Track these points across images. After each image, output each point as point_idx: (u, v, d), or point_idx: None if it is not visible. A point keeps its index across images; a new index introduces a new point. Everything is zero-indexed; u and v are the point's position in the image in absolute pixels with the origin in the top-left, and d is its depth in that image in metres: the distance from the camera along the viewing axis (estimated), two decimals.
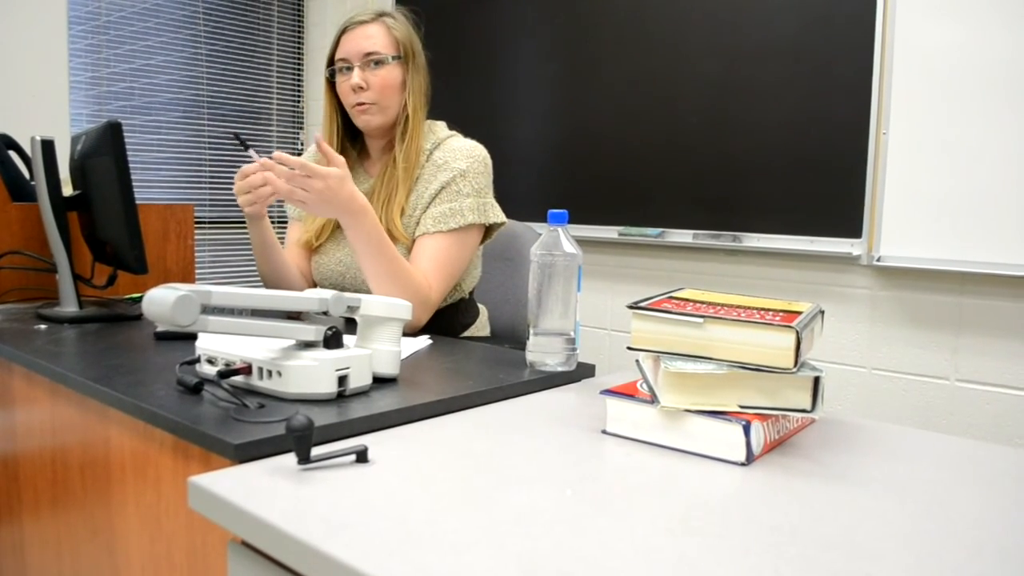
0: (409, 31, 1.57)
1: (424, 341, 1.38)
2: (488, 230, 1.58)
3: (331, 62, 1.56)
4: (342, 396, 0.98)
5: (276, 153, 1.29)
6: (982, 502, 0.73)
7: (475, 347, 1.38)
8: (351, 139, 1.63)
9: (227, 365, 0.99)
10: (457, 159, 1.52)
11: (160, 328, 1.37)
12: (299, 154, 1.75)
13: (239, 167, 1.42)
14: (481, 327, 1.74)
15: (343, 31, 1.54)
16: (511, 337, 1.84)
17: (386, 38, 1.53)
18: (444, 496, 0.71)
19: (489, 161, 1.56)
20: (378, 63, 1.51)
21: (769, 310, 0.90)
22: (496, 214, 1.55)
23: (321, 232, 1.63)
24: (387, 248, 1.37)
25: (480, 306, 1.77)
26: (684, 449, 0.85)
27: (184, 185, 3.46)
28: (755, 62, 2.41)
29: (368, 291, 1.44)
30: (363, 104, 1.51)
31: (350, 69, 1.52)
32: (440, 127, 1.61)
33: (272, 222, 1.58)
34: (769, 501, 0.72)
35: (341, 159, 1.31)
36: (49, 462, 1.24)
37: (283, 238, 1.68)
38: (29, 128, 1.77)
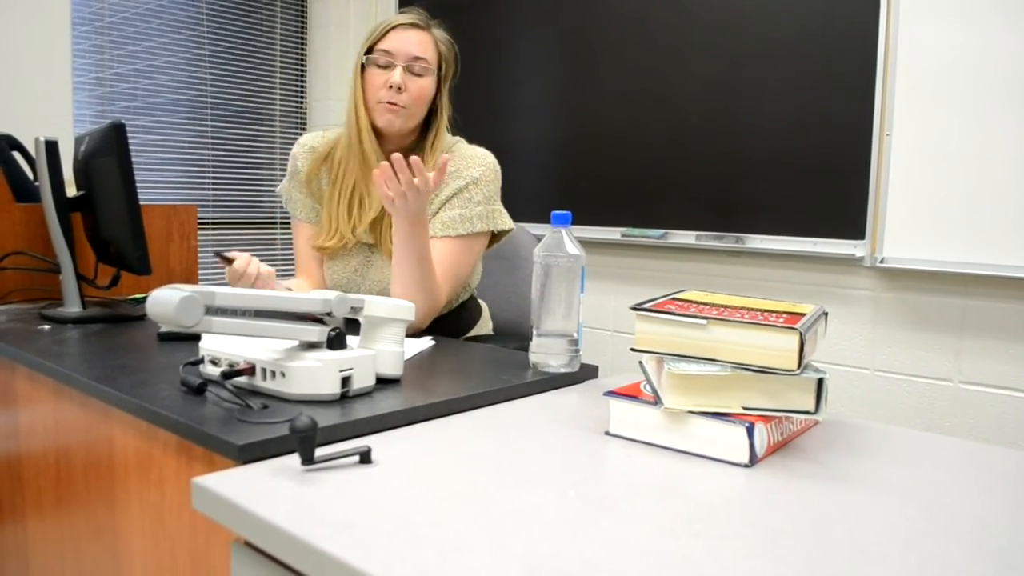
0: (451, 49, 1.56)
1: (427, 342, 1.38)
2: (495, 236, 1.58)
3: (370, 50, 1.51)
4: (345, 397, 0.98)
5: (396, 155, 1.25)
6: (985, 504, 0.73)
7: (478, 348, 1.38)
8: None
9: (231, 366, 0.99)
10: (470, 167, 1.52)
11: (164, 329, 1.37)
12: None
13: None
14: (484, 324, 1.75)
15: (393, 26, 1.51)
16: (515, 333, 1.85)
17: (433, 50, 1.52)
18: (447, 497, 0.71)
19: (499, 169, 1.57)
20: (421, 71, 1.49)
21: (772, 312, 0.90)
22: (504, 221, 1.56)
23: (344, 240, 1.57)
24: (428, 262, 1.38)
25: (480, 302, 1.78)
26: (687, 451, 0.85)
27: (187, 186, 3.46)
28: (758, 63, 2.41)
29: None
30: (394, 105, 1.48)
31: (389, 66, 1.48)
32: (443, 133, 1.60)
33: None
34: (772, 503, 0.72)
35: (434, 180, 1.28)
36: (53, 462, 1.24)
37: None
38: (33, 129, 1.77)
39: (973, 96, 2.03)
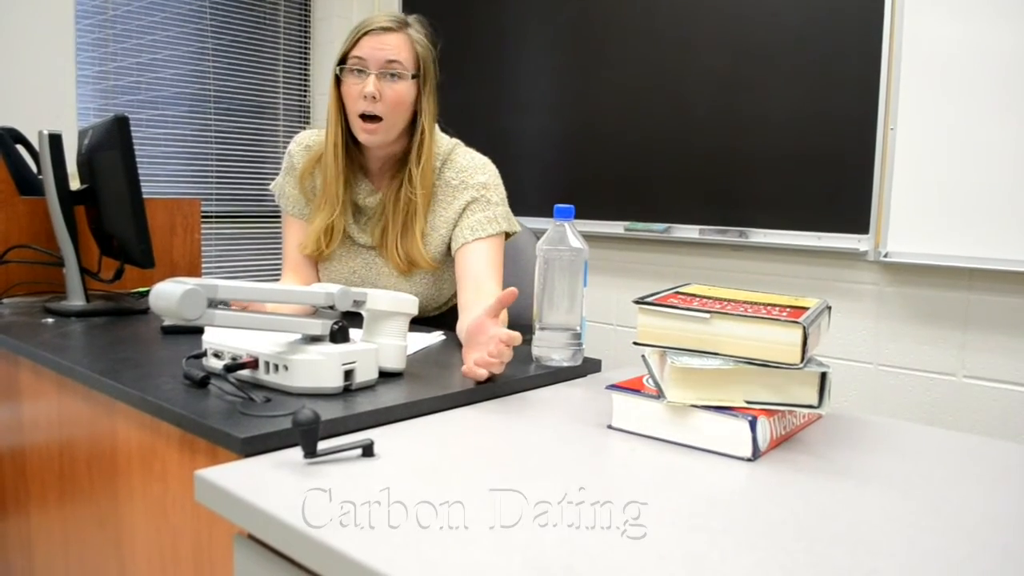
0: (429, 49, 1.49)
1: (437, 336, 1.38)
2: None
3: (344, 59, 1.45)
4: (348, 390, 0.98)
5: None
6: (988, 498, 0.73)
7: None
8: (354, 143, 1.52)
9: (233, 359, 0.99)
10: (474, 175, 1.49)
11: (167, 322, 1.37)
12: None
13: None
14: None
15: (365, 32, 1.44)
16: (516, 326, 1.84)
17: (409, 52, 1.45)
18: (449, 490, 0.71)
19: (498, 172, 1.55)
20: (396, 76, 1.43)
21: (776, 306, 0.90)
22: (516, 223, 1.55)
23: (330, 240, 1.53)
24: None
25: None
26: (690, 444, 0.85)
27: (191, 179, 3.47)
28: (762, 57, 2.40)
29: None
30: (371, 119, 1.42)
31: (364, 72, 1.42)
32: (436, 134, 1.53)
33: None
34: (775, 497, 0.72)
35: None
36: (56, 455, 1.25)
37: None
38: (36, 122, 1.78)
39: (977, 90, 2.02)
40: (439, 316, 1.63)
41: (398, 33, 1.45)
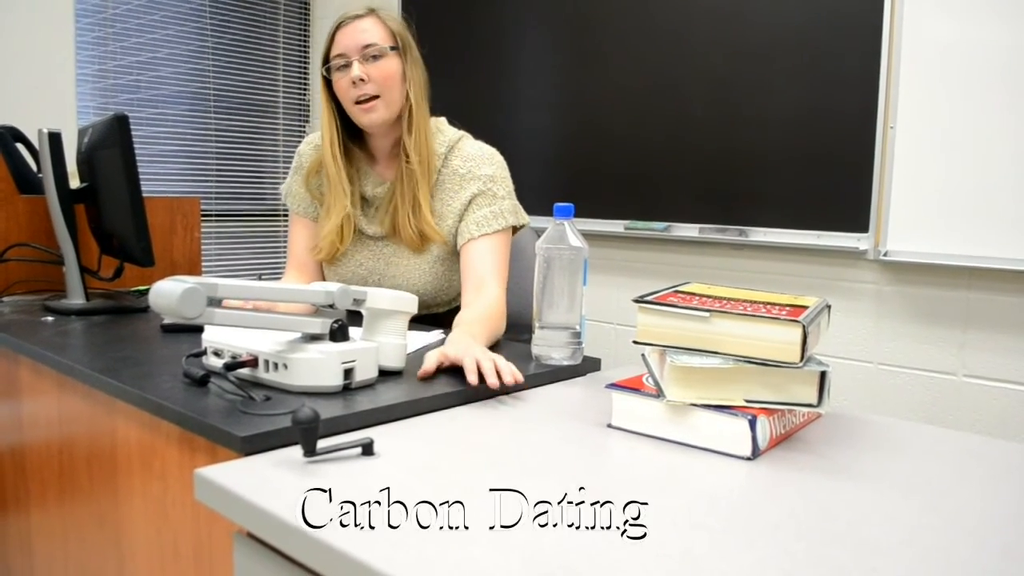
0: (401, 23, 1.53)
1: (437, 335, 1.38)
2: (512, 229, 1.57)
3: (326, 60, 1.51)
4: (348, 389, 0.98)
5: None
6: (988, 497, 0.73)
7: None
8: (354, 140, 1.56)
9: (233, 357, 0.99)
10: (481, 166, 1.50)
11: (166, 320, 1.37)
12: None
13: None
14: None
15: (337, 28, 1.50)
16: (516, 325, 1.84)
17: (382, 30, 1.49)
18: (448, 488, 0.71)
19: (506, 164, 1.56)
20: (377, 55, 1.47)
21: (775, 304, 0.90)
22: (524, 216, 1.55)
23: (343, 237, 1.53)
24: (488, 322, 1.31)
25: None
26: (689, 443, 0.85)
27: (191, 178, 3.46)
28: (762, 56, 2.40)
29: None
30: (366, 100, 1.46)
31: (348, 65, 1.47)
32: (444, 124, 1.57)
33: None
34: (775, 496, 0.72)
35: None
36: (56, 453, 1.25)
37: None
38: (36, 121, 1.78)
39: (977, 89, 2.02)
40: (445, 314, 1.62)
41: (367, 17, 1.50)
